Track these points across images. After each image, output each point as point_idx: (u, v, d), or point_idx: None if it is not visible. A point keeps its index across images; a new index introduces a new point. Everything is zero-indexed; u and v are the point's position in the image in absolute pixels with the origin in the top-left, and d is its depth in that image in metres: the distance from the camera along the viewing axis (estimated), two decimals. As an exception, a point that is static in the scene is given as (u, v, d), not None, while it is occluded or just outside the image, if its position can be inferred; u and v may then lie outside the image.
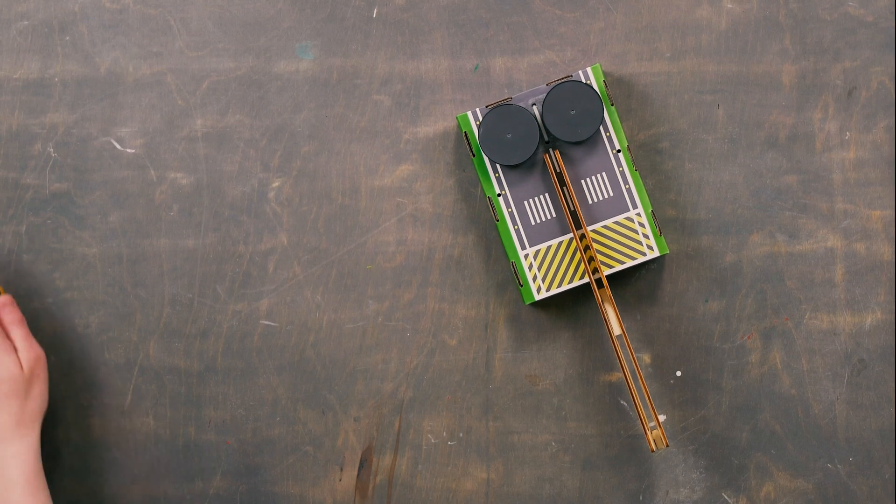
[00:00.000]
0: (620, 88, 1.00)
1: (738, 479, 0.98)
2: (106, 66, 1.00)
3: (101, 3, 1.00)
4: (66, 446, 0.99)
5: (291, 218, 0.99)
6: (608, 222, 0.95)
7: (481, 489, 0.99)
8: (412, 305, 0.99)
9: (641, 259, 0.95)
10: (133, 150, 1.00)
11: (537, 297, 0.95)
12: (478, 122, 0.95)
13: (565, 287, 0.95)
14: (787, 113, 0.99)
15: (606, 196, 0.96)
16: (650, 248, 0.95)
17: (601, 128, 0.95)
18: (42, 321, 0.99)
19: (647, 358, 0.99)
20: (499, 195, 0.96)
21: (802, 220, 0.99)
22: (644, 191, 0.95)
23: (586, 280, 0.95)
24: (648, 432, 0.91)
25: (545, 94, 0.95)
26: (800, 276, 0.99)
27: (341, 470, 0.99)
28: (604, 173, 0.96)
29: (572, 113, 0.94)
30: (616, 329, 0.94)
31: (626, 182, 0.96)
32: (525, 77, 0.99)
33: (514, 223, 0.96)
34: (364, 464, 0.99)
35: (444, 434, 0.99)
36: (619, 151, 0.96)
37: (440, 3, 1.00)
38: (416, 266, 0.99)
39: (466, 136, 0.95)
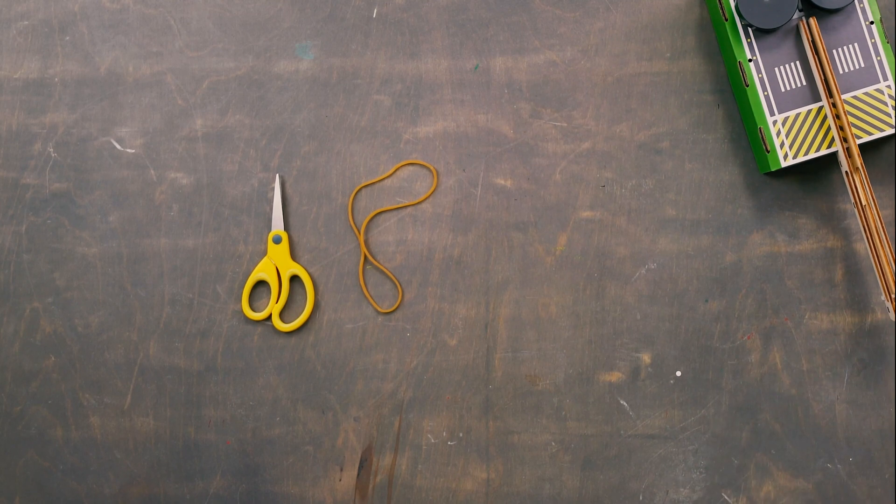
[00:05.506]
0: (620, 88, 1.00)
1: (738, 479, 0.98)
2: (106, 66, 1.00)
3: (101, 3, 1.00)
4: (66, 446, 0.99)
5: (291, 218, 0.99)
6: (857, 93, 0.94)
7: (481, 489, 0.99)
8: (412, 305, 0.99)
9: (889, 131, 0.94)
10: (133, 150, 1.00)
11: (784, 164, 0.94)
12: None
13: (812, 155, 0.94)
14: (787, 113, 0.99)
15: (857, 67, 0.95)
16: None
17: None
18: (42, 321, 0.99)
19: (647, 358, 0.99)
20: (749, 60, 0.95)
21: (802, 220, 0.99)
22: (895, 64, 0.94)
23: (833, 149, 0.94)
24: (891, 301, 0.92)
25: None
26: (800, 276, 0.99)
27: (341, 470, 0.99)
28: (856, 44, 0.95)
29: None
30: (863, 198, 0.92)
31: (877, 54, 0.95)
32: (525, 77, 0.99)
33: (764, 89, 0.94)
34: (364, 464, 0.99)
35: (444, 434, 0.99)
36: (872, 23, 0.95)
37: (440, 3, 1.00)
38: (416, 266, 0.99)
39: None
